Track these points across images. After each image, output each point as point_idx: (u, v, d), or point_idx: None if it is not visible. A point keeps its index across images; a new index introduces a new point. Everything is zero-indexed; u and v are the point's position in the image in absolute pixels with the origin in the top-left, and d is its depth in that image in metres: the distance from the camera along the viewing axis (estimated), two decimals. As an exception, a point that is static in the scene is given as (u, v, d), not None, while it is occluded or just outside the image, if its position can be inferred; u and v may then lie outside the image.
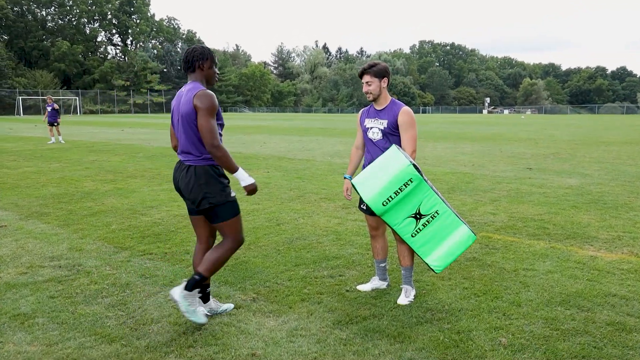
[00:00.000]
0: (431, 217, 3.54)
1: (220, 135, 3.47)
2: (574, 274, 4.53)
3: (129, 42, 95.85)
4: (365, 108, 4.20)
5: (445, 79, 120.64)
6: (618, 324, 3.52)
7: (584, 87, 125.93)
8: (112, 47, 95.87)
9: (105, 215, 6.99)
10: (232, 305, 3.86)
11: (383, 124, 3.93)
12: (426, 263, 3.63)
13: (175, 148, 3.66)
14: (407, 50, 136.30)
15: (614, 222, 6.39)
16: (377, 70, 3.90)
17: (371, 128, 4.01)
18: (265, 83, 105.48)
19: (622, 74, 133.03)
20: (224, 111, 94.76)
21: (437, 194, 3.55)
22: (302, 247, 5.43)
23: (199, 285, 3.44)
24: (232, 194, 3.52)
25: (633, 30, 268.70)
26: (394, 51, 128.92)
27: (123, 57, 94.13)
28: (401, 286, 4.10)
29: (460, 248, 3.56)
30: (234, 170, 3.38)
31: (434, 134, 25.52)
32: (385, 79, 3.93)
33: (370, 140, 4.02)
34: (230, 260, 5.00)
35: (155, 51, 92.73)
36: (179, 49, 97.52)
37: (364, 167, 4.14)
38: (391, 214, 3.54)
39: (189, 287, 3.37)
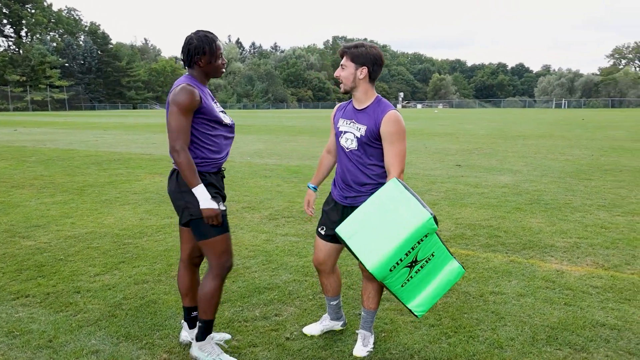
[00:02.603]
0: (426, 260, 2.68)
1: (229, 139, 3.00)
2: (548, 297, 3.90)
3: (23, 33, 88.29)
4: (344, 103, 3.20)
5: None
6: (625, 370, 2.89)
7: (487, 82, 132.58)
8: (4, 39, 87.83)
9: (-25, 240, 5.60)
10: (228, 336, 3.31)
11: (360, 130, 2.95)
12: (407, 308, 2.77)
13: None
14: (320, 46, 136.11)
15: (565, 226, 5.93)
16: (357, 53, 2.92)
17: (345, 133, 3.02)
18: (176, 78, 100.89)
19: (520, 70, 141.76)
20: (133, 108, 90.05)
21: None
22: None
23: (209, 330, 3.03)
24: (221, 207, 2.89)
25: (530, 31, 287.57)
26: (307, 46, 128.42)
27: (17, 49, 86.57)
28: (357, 331, 3.22)
29: (447, 286, 2.73)
30: (192, 185, 2.78)
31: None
32: (365, 69, 2.91)
33: (343, 148, 3.05)
34: (135, 300, 3.94)
35: (54, 44, 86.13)
36: (81, 42, 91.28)
37: (334, 182, 3.17)
38: (391, 275, 2.64)
39: (200, 338, 3.01)
